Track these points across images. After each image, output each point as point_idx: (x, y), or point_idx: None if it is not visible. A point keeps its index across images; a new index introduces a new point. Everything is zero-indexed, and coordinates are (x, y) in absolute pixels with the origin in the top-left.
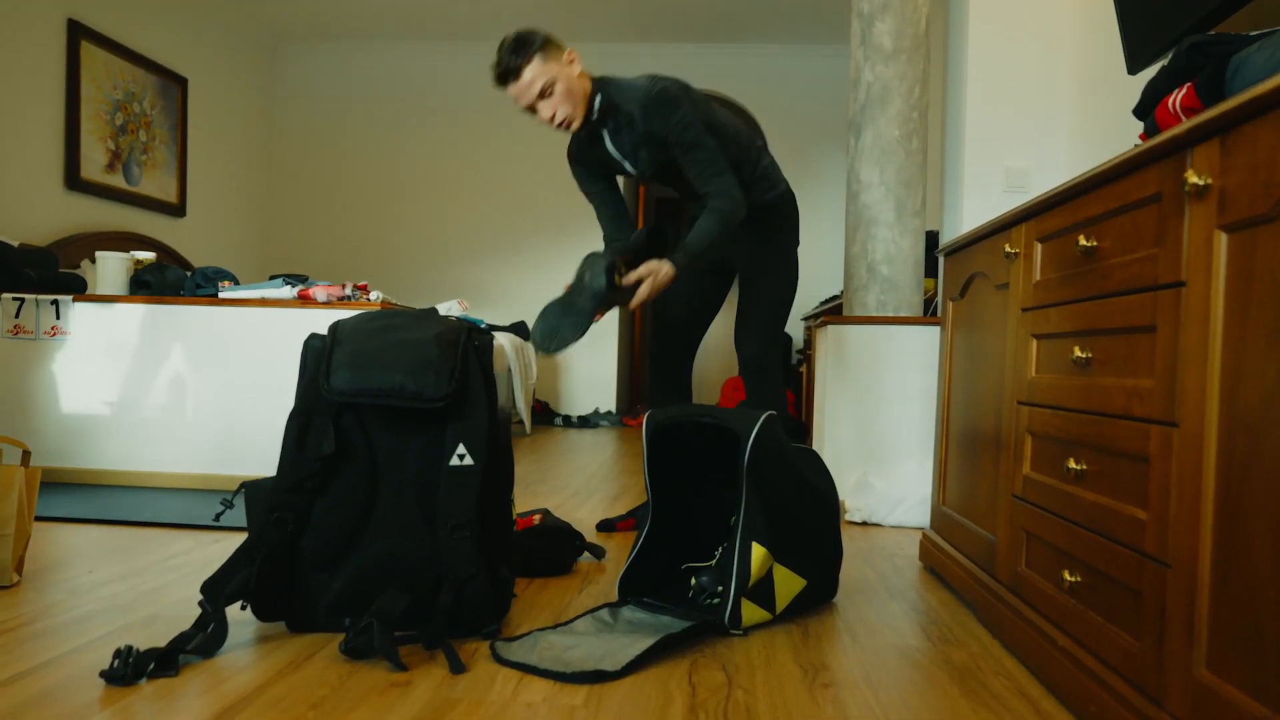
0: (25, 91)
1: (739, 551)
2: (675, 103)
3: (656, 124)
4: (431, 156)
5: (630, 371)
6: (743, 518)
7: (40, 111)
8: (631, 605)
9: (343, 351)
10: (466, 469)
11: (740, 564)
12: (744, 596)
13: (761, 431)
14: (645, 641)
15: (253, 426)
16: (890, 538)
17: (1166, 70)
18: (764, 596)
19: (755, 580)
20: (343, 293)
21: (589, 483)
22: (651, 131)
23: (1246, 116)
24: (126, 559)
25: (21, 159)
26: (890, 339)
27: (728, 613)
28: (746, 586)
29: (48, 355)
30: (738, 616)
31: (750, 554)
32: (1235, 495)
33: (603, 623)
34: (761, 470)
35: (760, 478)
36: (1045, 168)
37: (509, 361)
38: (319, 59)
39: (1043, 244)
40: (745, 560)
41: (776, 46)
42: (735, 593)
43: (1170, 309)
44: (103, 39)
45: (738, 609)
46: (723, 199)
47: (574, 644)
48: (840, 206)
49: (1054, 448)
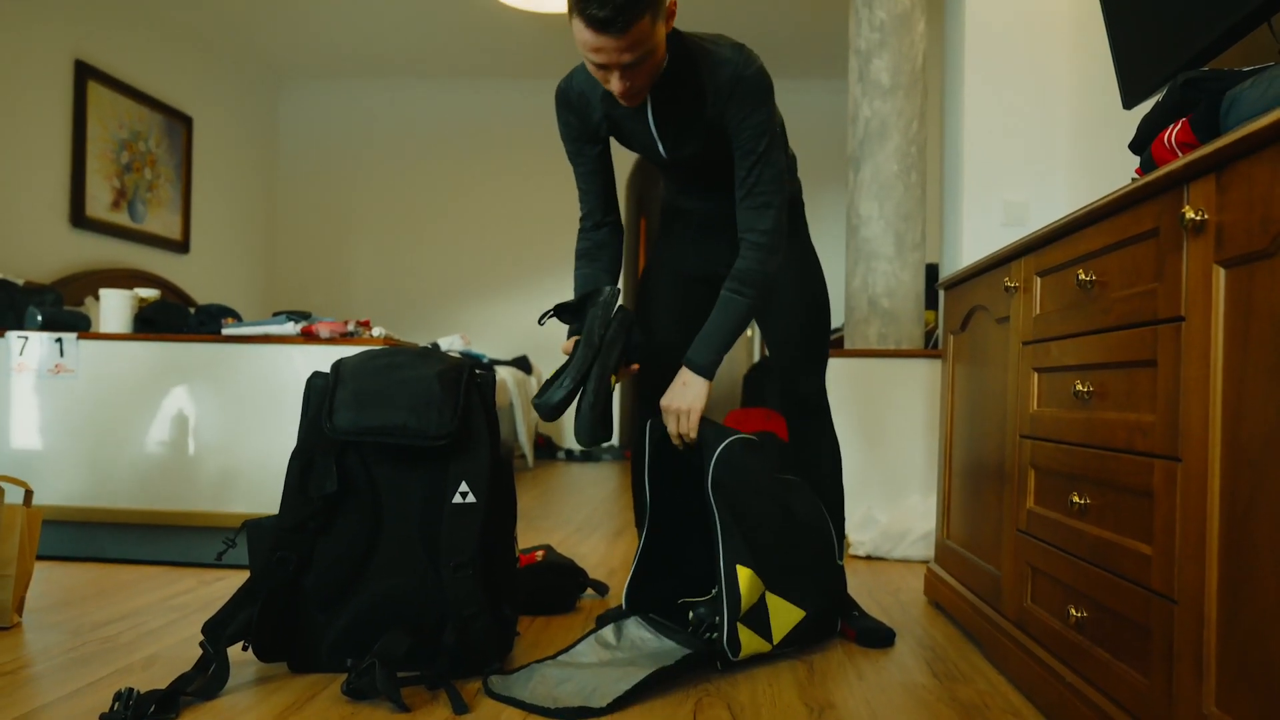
0: (33, 131)
1: (724, 575)
2: (765, 97)
3: (733, 111)
4: (433, 192)
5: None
6: (721, 542)
7: (47, 150)
8: (637, 621)
9: (345, 390)
10: (469, 507)
11: (729, 588)
12: (740, 622)
13: (727, 449)
14: (639, 674)
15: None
16: (895, 572)
17: (1161, 106)
18: (760, 624)
19: (747, 605)
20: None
21: (591, 518)
22: (724, 115)
23: (1241, 153)
24: (128, 598)
25: (28, 197)
26: (892, 372)
27: (725, 637)
28: (739, 611)
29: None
30: (736, 642)
31: (736, 577)
32: (1240, 530)
33: (605, 646)
34: (731, 491)
35: (731, 499)
36: (1044, 201)
37: (511, 396)
38: (321, 96)
39: (1042, 278)
40: (733, 584)
41: (776, 81)
42: (729, 618)
43: (1170, 343)
44: (109, 79)
45: (735, 634)
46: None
47: (568, 676)
48: (840, 240)
49: (1057, 482)
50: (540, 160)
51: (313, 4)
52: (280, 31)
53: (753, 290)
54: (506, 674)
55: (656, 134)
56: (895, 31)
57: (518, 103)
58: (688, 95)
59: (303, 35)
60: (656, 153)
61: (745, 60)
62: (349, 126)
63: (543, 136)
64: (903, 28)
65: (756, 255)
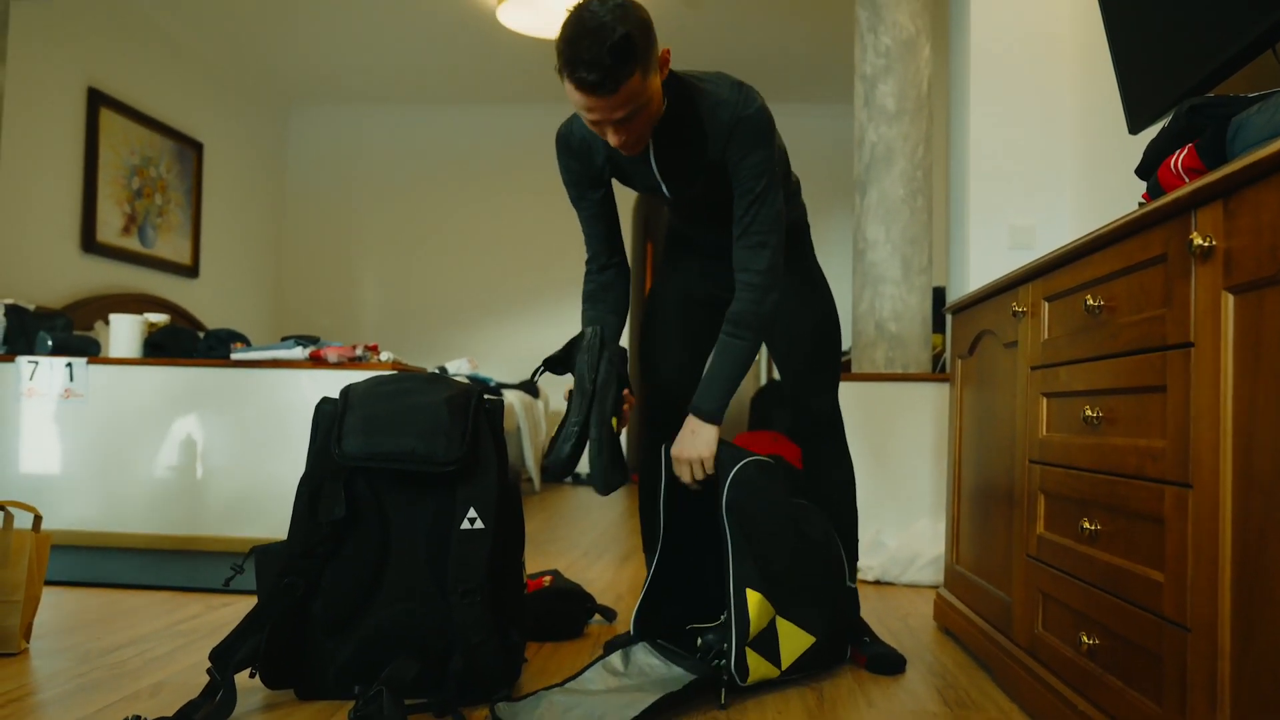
0: (45, 157)
1: (734, 600)
2: (765, 138)
3: (732, 151)
4: (441, 216)
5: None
6: (732, 565)
7: (59, 176)
8: (645, 647)
9: (354, 415)
10: (477, 533)
11: (739, 613)
12: (748, 647)
13: (742, 470)
14: (646, 700)
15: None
16: (904, 597)
17: (1167, 131)
18: (768, 649)
19: (756, 630)
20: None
21: (599, 542)
22: (725, 155)
23: (1249, 180)
24: (135, 624)
25: (40, 222)
26: (900, 396)
27: (732, 662)
28: (748, 637)
29: (61, 418)
30: (744, 667)
31: (746, 601)
32: (1254, 558)
33: (613, 672)
34: (745, 513)
35: (744, 521)
36: (1051, 224)
37: (518, 420)
38: (330, 122)
39: (1050, 303)
40: (742, 609)
41: (782, 106)
42: (738, 642)
43: (1180, 369)
44: (122, 106)
45: (743, 659)
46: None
47: (575, 704)
48: (847, 264)
49: (1068, 507)
50: (546, 183)
51: (321, 31)
52: (289, 58)
53: (749, 332)
54: (514, 701)
55: (660, 176)
56: (900, 57)
57: (525, 127)
58: (688, 137)
59: (311, 62)
60: (661, 194)
61: (744, 100)
62: (357, 151)
63: (549, 160)
64: (908, 54)
65: (753, 296)
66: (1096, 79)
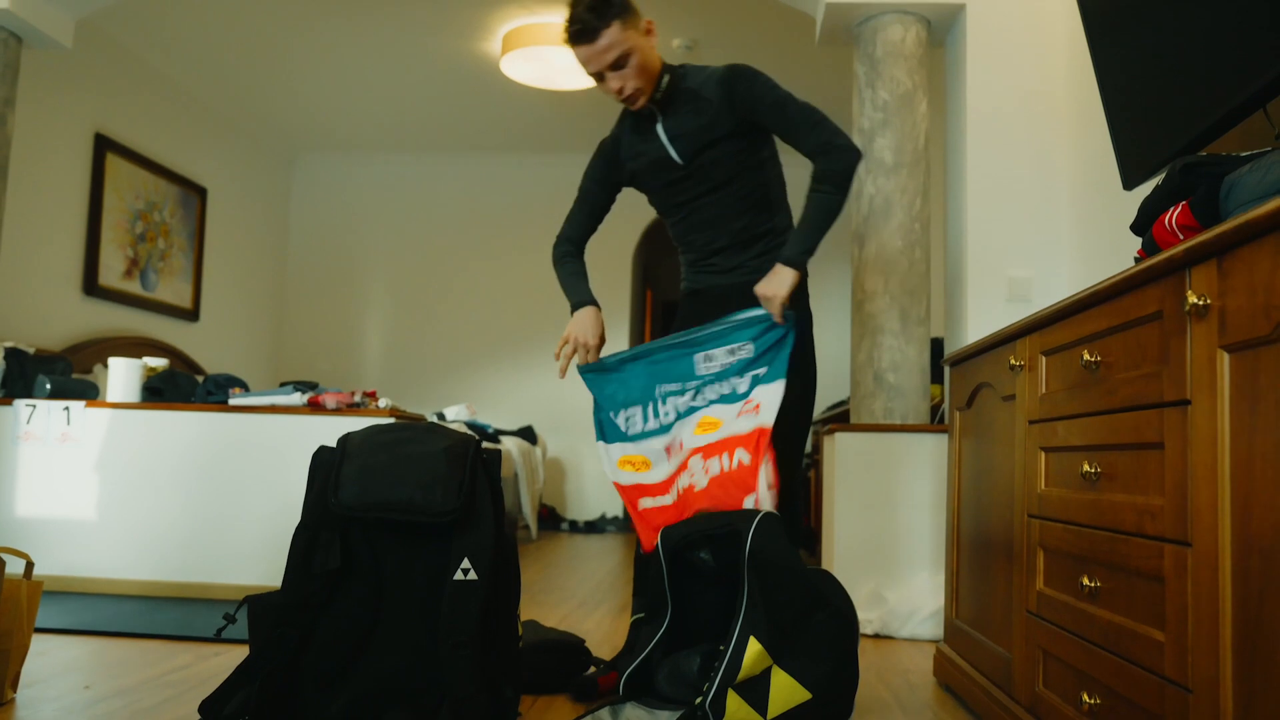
0: (51, 201)
1: (734, 642)
2: (758, 74)
3: (740, 88)
4: (440, 263)
5: None
6: (743, 612)
7: (64, 220)
8: (634, 704)
9: (352, 465)
10: (470, 584)
11: (734, 655)
12: (732, 688)
13: (763, 521)
14: None
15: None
16: (904, 652)
17: (1161, 189)
18: (755, 696)
19: (746, 675)
20: (352, 399)
21: (595, 592)
22: (732, 98)
23: (1243, 240)
24: (124, 673)
25: (43, 265)
26: (898, 447)
27: (710, 696)
28: (734, 679)
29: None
30: (720, 706)
31: (745, 648)
32: (1254, 618)
33: None
34: (765, 564)
35: (764, 571)
36: (1048, 277)
37: (516, 466)
38: (333, 170)
39: (1047, 357)
40: (739, 653)
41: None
42: (722, 680)
43: (1177, 427)
44: (128, 151)
45: (722, 698)
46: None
47: None
48: (845, 315)
49: (1067, 563)
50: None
51: (326, 80)
52: (294, 107)
53: (833, 186)
54: None
55: (669, 144)
56: (898, 111)
57: (525, 177)
58: (689, 98)
59: (316, 110)
60: (673, 164)
61: (729, 65)
62: (359, 199)
63: (548, 210)
64: (905, 108)
65: (841, 156)
66: (1092, 133)
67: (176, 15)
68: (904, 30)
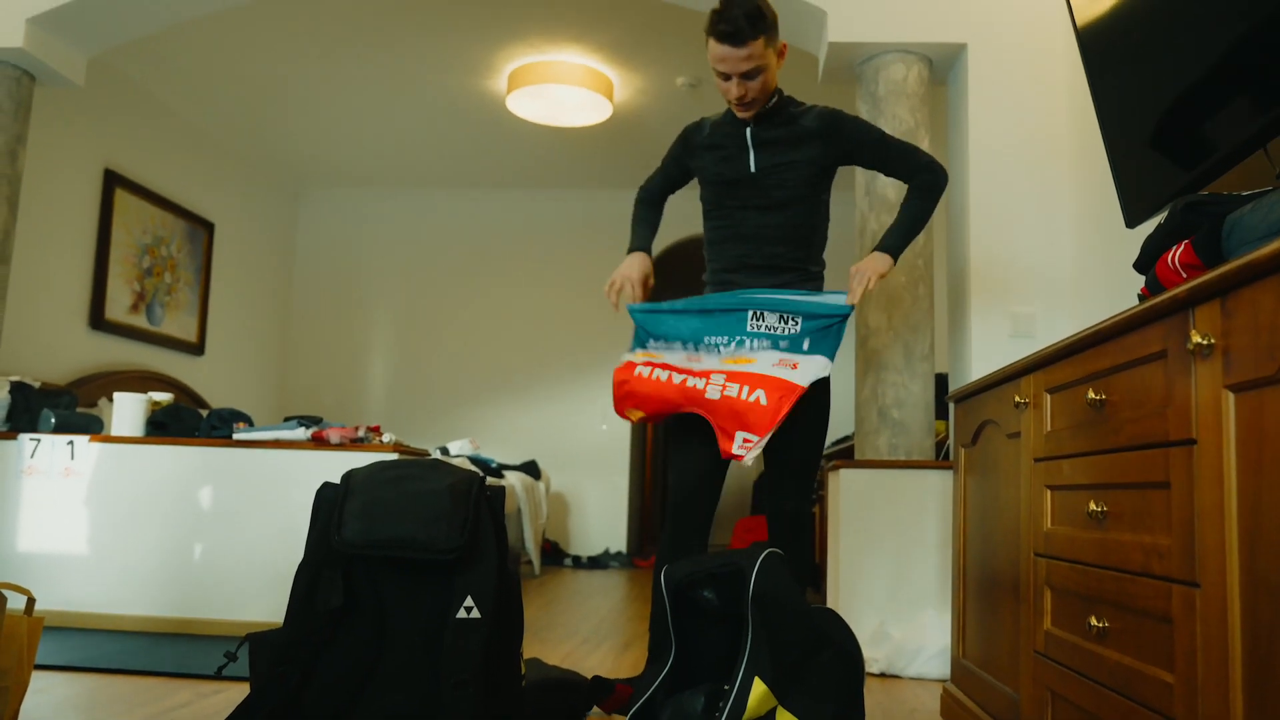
0: (60, 235)
1: (739, 681)
2: (849, 116)
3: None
4: (445, 298)
5: (640, 511)
6: (748, 651)
7: (72, 254)
8: None
9: (355, 502)
10: (473, 622)
11: (738, 695)
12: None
13: (766, 560)
14: None
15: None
16: (910, 691)
17: (1164, 228)
18: None
19: (750, 716)
20: (356, 434)
21: (599, 629)
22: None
23: (1246, 280)
24: (124, 711)
25: (51, 299)
26: (903, 483)
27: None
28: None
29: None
30: None
31: (750, 688)
32: (1264, 659)
33: None
34: (769, 603)
35: (768, 607)
36: (1052, 312)
37: (519, 502)
38: (340, 205)
39: (1052, 395)
40: (745, 693)
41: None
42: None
43: (1183, 466)
44: (136, 186)
45: None
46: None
47: None
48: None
49: (1075, 603)
50: (550, 268)
51: (333, 116)
52: (301, 142)
53: (931, 202)
54: None
55: (752, 147)
56: None
57: (530, 212)
58: (784, 121)
59: (323, 146)
60: (744, 166)
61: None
62: (365, 234)
63: (554, 245)
64: None
65: (936, 174)
66: (1094, 170)
67: (186, 52)
68: (906, 69)
